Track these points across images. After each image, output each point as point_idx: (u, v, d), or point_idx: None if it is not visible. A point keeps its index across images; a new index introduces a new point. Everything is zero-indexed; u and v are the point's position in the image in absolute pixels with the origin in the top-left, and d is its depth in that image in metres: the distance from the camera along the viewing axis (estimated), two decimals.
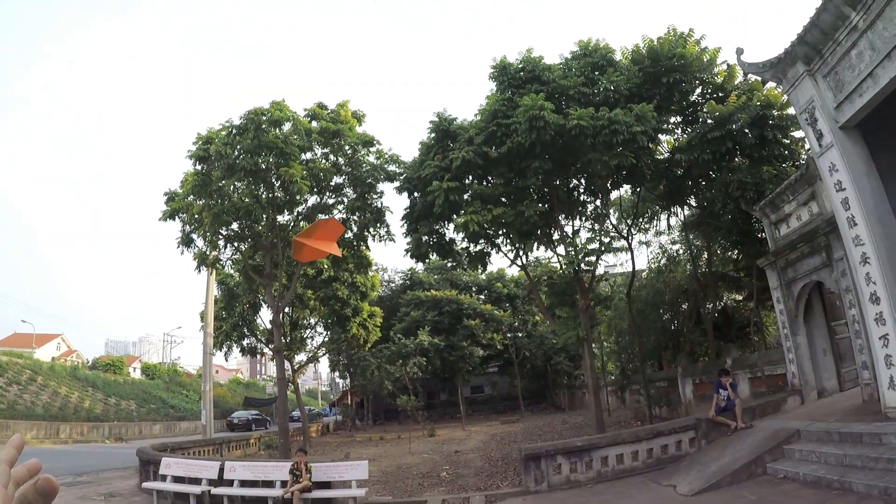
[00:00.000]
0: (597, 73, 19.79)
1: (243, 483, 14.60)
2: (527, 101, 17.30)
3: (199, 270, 26.27)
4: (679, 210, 25.03)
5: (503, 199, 19.92)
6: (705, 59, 19.60)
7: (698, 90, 20.70)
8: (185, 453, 21.38)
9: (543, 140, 17.37)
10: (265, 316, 40.96)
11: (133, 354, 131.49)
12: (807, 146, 17.99)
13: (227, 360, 43.28)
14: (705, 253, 25.45)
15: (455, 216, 19.52)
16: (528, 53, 20.05)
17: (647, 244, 29.85)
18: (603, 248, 20.04)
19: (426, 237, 21.19)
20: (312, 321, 41.95)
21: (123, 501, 15.65)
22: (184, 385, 71.52)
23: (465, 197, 19.54)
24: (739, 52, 14.91)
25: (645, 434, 14.52)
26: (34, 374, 47.10)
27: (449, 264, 52.01)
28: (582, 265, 19.25)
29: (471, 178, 20.02)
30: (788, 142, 19.72)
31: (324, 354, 47.31)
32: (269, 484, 14.40)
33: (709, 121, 19.21)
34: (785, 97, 16.60)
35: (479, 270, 25.43)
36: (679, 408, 23.94)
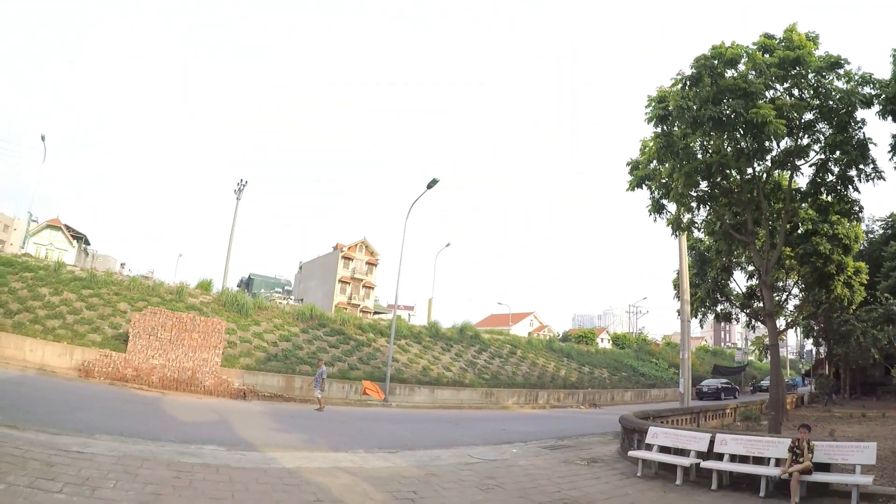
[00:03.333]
0: None
1: (733, 458, 13.35)
2: None
3: (675, 235, 25.76)
4: None
5: None
6: None
7: None
8: (664, 422, 20.61)
9: None
10: (738, 279, 38.36)
11: (599, 326, 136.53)
12: None
13: (702, 328, 41.80)
14: None
15: None
16: None
17: None
18: None
19: None
20: (789, 282, 38.23)
21: (605, 467, 15.23)
22: (652, 353, 71.94)
23: None
24: None
25: None
26: (514, 348, 50.97)
27: None
28: None
29: None
30: None
31: (804, 318, 42.71)
32: (760, 461, 12.95)
33: None
34: None
35: None
36: None
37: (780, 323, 37.44)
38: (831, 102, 20.31)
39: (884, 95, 18.18)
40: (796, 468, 11.42)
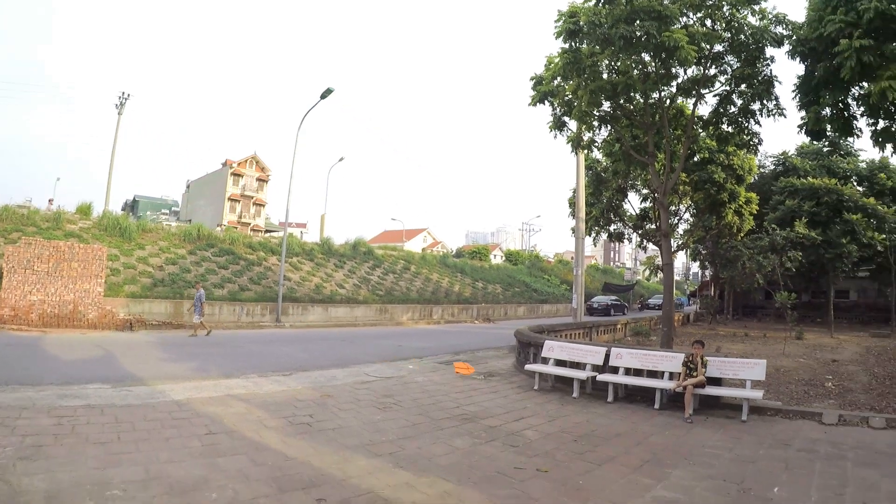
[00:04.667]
0: None
1: (628, 371, 13.81)
2: None
3: (575, 153, 25.67)
4: None
5: None
6: None
7: None
8: (559, 336, 21.17)
9: None
10: (633, 201, 39.67)
11: (492, 243, 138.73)
12: None
13: (594, 245, 43.49)
14: None
15: (866, 83, 15.97)
16: None
17: None
18: None
19: (828, 109, 17.85)
20: (682, 207, 40.10)
21: (503, 381, 15.54)
22: (544, 270, 73.86)
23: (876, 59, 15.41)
24: None
25: None
26: (407, 264, 51.05)
27: (825, 149, 48.40)
28: None
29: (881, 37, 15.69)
30: None
31: (694, 242, 44.79)
32: (654, 374, 13.50)
33: None
34: None
35: (892, 151, 20.52)
36: None
37: (671, 245, 39.43)
38: (743, 37, 20.36)
39: (795, 37, 18.47)
40: (690, 382, 11.95)
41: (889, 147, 18.52)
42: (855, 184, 46.09)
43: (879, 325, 42.79)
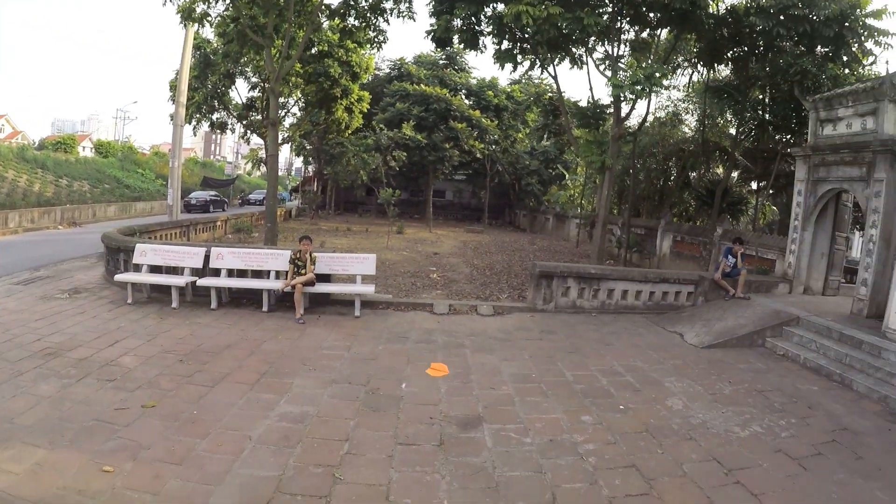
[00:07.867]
0: None
1: (231, 273, 13.07)
2: None
3: (184, 25, 22.81)
4: (706, 71, 24.00)
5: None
6: None
7: None
8: (153, 237, 19.56)
9: None
10: (241, 89, 38.48)
11: (82, 133, 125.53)
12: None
13: (194, 135, 42.40)
14: (707, 121, 25.68)
15: (503, 4, 17.43)
16: None
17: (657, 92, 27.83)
18: (653, 82, 16.86)
19: (460, 21, 19.09)
20: (291, 101, 40.39)
21: (91, 298, 13.48)
22: (139, 163, 67.66)
23: None
24: None
25: (653, 276, 14.50)
26: None
27: (441, 62, 53.52)
28: (627, 93, 17.26)
29: None
30: (856, 49, 18.55)
31: (302, 136, 45.05)
32: (259, 274, 12.97)
33: None
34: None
35: (512, 70, 22.47)
36: (652, 258, 24.51)
37: (278, 136, 39.32)
38: None
39: None
40: (299, 280, 11.86)
41: (508, 66, 20.42)
42: (464, 97, 50.35)
43: (473, 222, 48.93)
